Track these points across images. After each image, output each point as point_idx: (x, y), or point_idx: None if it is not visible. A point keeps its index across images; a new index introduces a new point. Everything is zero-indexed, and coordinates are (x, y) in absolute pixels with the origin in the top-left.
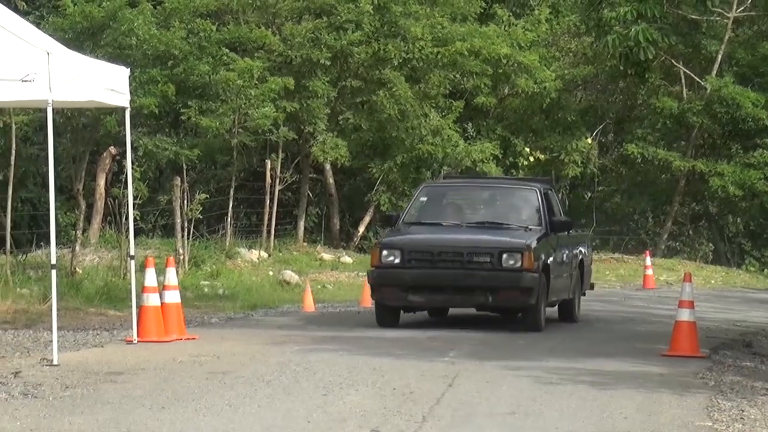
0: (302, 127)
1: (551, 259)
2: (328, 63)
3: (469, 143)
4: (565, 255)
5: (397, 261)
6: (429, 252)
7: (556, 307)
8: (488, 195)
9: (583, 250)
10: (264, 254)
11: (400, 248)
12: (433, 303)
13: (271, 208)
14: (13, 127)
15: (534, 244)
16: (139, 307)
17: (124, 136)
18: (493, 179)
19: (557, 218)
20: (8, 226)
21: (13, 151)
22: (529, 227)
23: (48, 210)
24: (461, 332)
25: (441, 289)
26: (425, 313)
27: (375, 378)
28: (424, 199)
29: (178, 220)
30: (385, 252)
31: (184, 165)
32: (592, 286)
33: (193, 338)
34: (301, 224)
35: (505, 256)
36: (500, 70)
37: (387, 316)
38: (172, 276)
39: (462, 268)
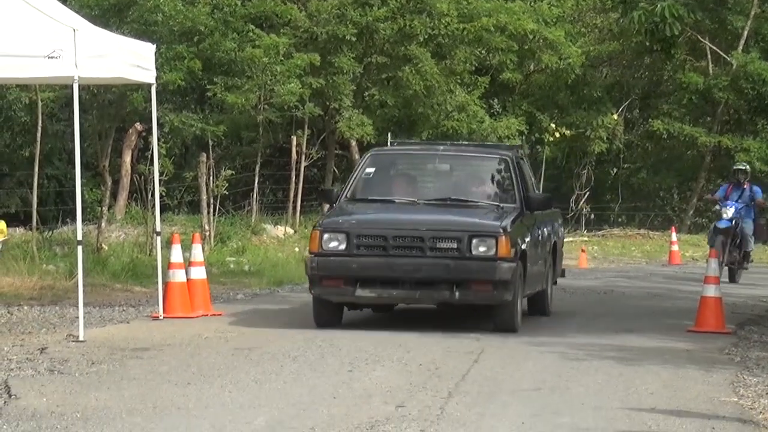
0: (328, 104)
1: (528, 244)
2: (353, 39)
3: (495, 119)
4: (541, 238)
5: (342, 247)
6: (382, 236)
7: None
8: (450, 165)
9: (556, 231)
10: (290, 230)
11: (346, 231)
12: (387, 299)
13: (296, 184)
14: (39, 103)
15: (510, 227)
16: (165, 283)
17: (150, 112)
18: (455, 146)
19: (534, 194)
20: (34, 202)
21: (39, 128)
22: (502, 205)
23: (74, 186)
24: (486, 309)
25: (396, 282)
26: None
27: (401, 354)
28: (370, 170)
29: (204, 197)
30: (326, 236)
31: (209, 141)
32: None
33: (219, 314)
34: None
35: (475, 241)
36: (526, 46)
37: (327, 314)
38: (198, 252)
39: (423, 255)
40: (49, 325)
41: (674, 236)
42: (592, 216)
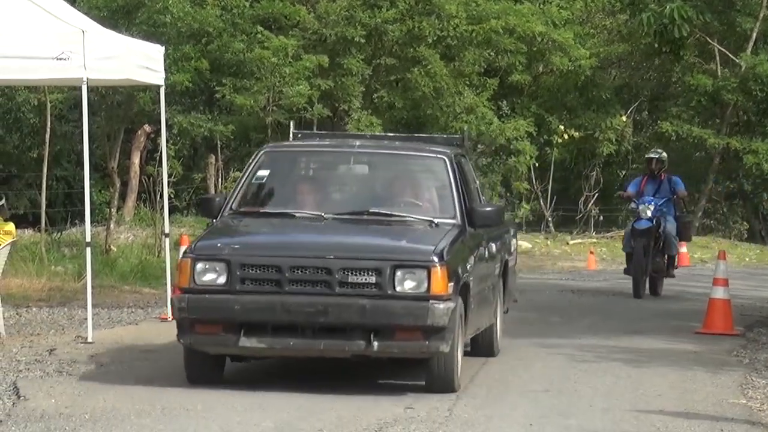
0: (337, 105)
1: (472, 272)
2: (362, 41)
3: (504, 121)
4: (488, 261)
5: (221, 281)
6: (275, 266)
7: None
8: (369, 166)
9: (507, 246)
10: None
11: (226, 259)
12: (281, 350)
13: None
14: (48, 105)
15: (447, 252)
16: (174, 284)
17: (159, 113)
18: (376, 140)
19: (479, 205)
20: (43, 204)
21: (48, 129)
22: (437, 221)
23: (83, 188)
24: None
25: (294, 329)
26: None
27: None
28: (263, 173)
29: None
30: (200, 266)
31: (218, 143)
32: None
33: None
34: None
35: (401, 273)
36: (535, 48)
37: (203, 368)
38: None
39: (330, 293)
40: (57, 327)
41: None
42: (601, 218)
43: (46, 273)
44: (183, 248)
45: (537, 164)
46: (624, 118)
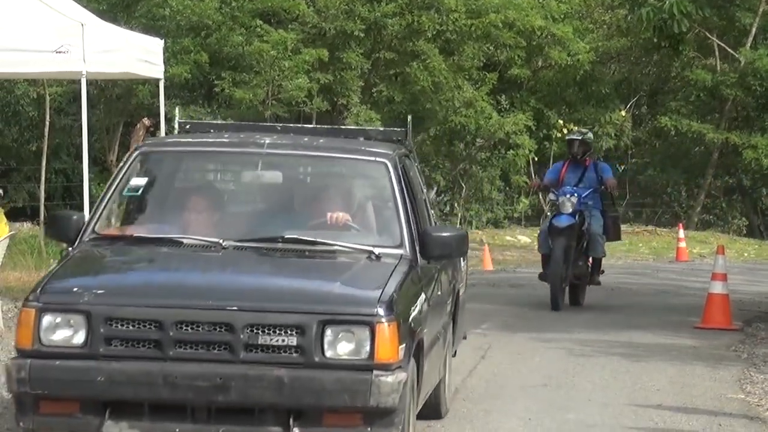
0: (336, 99)
1: (426, 323)
2: (361, 35)
3: (503, 115)
4: (441, 302)
5: (77, 341)
6: (154, 321)
7: None
8: (283, 173)
9: (457, 273)
10: None
11: (85, 310)
12: None
13: None
14: (47, 98)
15: (396, 300)
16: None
17: (158, 106)
18: (293, 133)
19: (434, 229)
20: (42, 197)
21: (47, 122)
22: (377, 251)
23: (81, 181)
24: (493, 305)
25: (182, 410)
26: None
27: None
28: (138, 181)
29: None
30: (48, 319)
31: None
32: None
33: None
34: None
35: (331, 332)
36: (534, 42)
37: None
38: None
39: (232, 359)
40: None
41: (682, 233)
42: None
43: (45, 266)
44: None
45: (536, 158)
46: (623, 113)
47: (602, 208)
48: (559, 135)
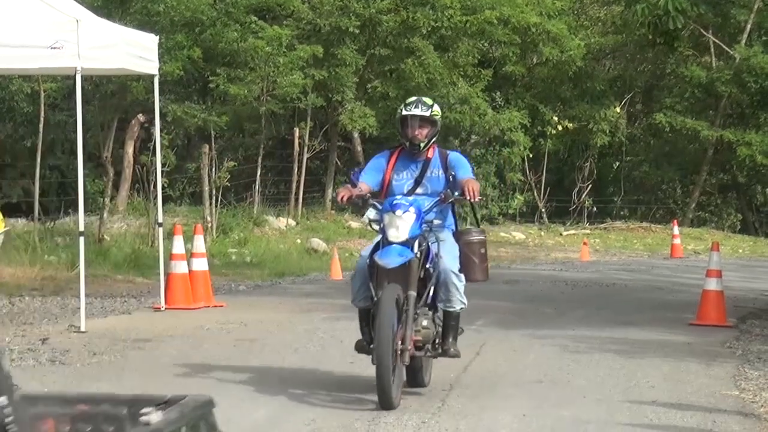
0: (330, 96)
1: None
2: (356, 31)
3: (498, 112)
4: None
5: None
6: None
7: None
8: None
9: None
10: (292, 222)
11: None
12: None
13: (299, 176)
14: (42, 94)
15: None
16: (167, 274)
17: (152, 102)
18: None
19: None
20: (36, 193)
21: (42, 118)
22: None
23: (76, 177)
24: (488, 301)
25: None
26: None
27: None
28: None
29: (206, 188)
30: None
31: (212, 132)
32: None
33: (221, 306)
34: (329, 192)
35: None
36: (528, 39)
37: None
38: (199, 243)
39: None
40: (50, 316)
41: (676, 229)
42: (594, 209)
43: (39, 262)
44: (176, 238)
45: (531, 155)
46: (618, 110)
47: (456, 228)
48: (553, 132)
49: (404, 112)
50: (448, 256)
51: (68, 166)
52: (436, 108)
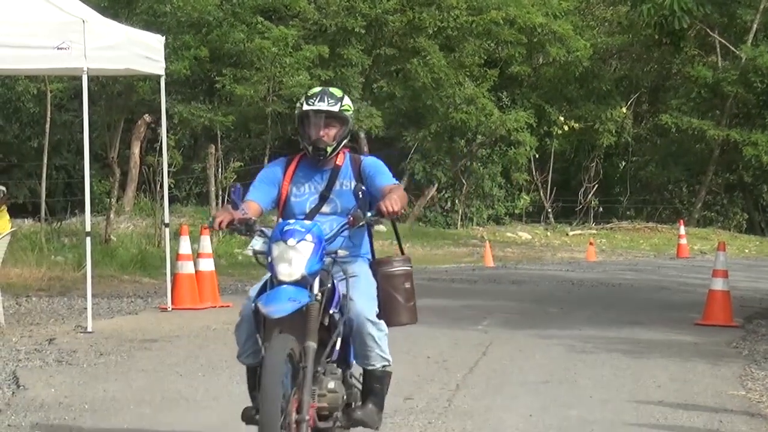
0: None
1: None
2: (362, 31)
3: (504, 112)
4: None
5: None
6: None
7: None
8: None
9: None
10: None
11: None
12: None
13: None
14: (48, 94)
15: None
16: (174, 274)
17: (159, 103)
18: None
19: None
20: (43, 193)
21: (48, 119)
22: None
23: (82, 178)
24: (495, 302)
25: None
26: (454, 284)
27: (408, 346)
28: None
29: (213, 188)
30: None
31: (218, 133)
32: None
33: (227, 306)
34: None
35: None
36: (535, 39)
37: None
38: (206, 244)
39: None
40: (57, 316)
41: (682, 229)
42: (601, 209)
43: (46, 263)
44: (182, 238)
45: (537, 155)
46: (624, 110)
47: (371, 254)
48: (560, 132)
49: (305, 107)
50: (362, 297)
51: (75, 166)
52: (347, 101)
